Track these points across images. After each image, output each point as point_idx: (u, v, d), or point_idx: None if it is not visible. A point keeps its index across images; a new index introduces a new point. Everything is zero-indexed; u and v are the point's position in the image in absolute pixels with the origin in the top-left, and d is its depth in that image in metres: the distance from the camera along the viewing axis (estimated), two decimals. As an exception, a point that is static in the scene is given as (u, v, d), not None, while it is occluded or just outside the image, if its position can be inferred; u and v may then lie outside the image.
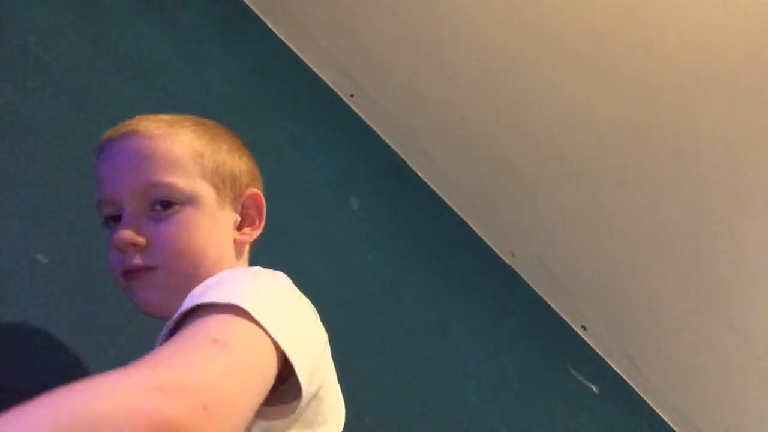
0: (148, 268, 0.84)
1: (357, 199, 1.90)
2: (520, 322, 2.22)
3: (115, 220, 0.87)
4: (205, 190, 0.87)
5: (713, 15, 1.60)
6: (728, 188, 1.85)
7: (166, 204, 0.84)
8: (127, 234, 0.83)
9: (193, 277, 0.83)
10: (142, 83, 1.52)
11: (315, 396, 0.75)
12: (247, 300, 0.66)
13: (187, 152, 0.87)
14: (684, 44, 1.67)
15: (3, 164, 1.19)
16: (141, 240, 0.83)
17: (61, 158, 1.29)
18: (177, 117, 0.92)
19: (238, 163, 0.93)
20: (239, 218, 0.92)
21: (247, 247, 0.95)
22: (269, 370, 0.64)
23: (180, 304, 0.79)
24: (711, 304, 2.08)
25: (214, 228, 0.87)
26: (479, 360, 1.98)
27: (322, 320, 0.82)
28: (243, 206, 0.92)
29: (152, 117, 0.91)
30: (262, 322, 0.65)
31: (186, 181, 0.85)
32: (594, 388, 2.25)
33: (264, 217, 0.94)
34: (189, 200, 0.85)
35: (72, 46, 1.42)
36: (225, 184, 0.89)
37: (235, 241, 0.91)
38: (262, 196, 0.94)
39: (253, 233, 0.93)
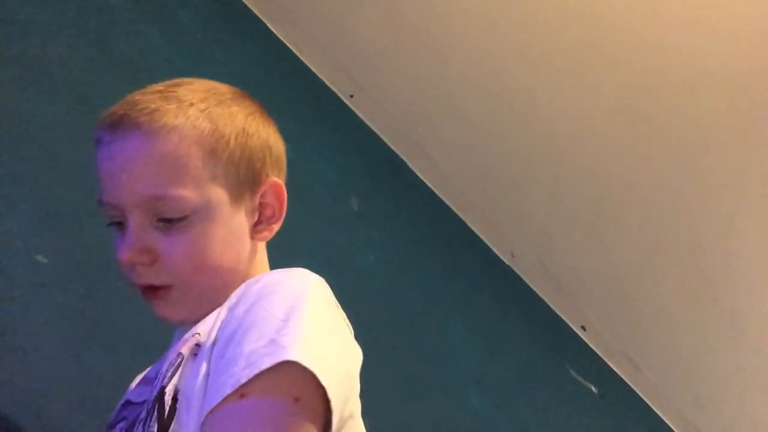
0: (163, 287, 0.77)
1: (357, 199, 1.90)
2: (519, 323, 2.22)
3: (120, 224, 0.78)
4: (217, 195, 0.77)
5: (714, 15, 1.60)
6: (729, 188, 1.85)
7: (174, 218, 0.75)
8: (131, 255, 0.75)
9: (212, 288, 0.78)
10: (142, 83, 1.52)
11: (349, 417, 0.73)
12: (319, 369, 0.63)
13: (197, 152, 0.76)
14: (684, 44, 1.67)
15: (3, 164, 1.19)
16: (147, 259, 0.76)
17: (61, 158, 1.29)
18: (185, 94, 0.79)
19: (255, 142, 0.82)
20: (257, 215, 0.83)
21: (264, 243, 0.87)
22: None
23: (201, 313, 0.76)
24: (711, 304, 2.08)
25: (229, 235, 0.79)
26: (479, 360, 1.98)
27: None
28: (262, 196, 0.83)
29: (156, 100, 0.78)
30: (332, 401, 0.63)
31: (196, 189, 0.75)
32: (594, 388, 2.25)
33: (285, 209, 0.85)
34: (200, 211, 0.76)
35: (72, 46, 1.42)
36: (240, 177, 0.79)
37: (252, 239, 0.83)
38: (282, 186, 0.84)
39: (273, 228, 0.85)
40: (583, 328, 2.35)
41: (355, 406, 0.75)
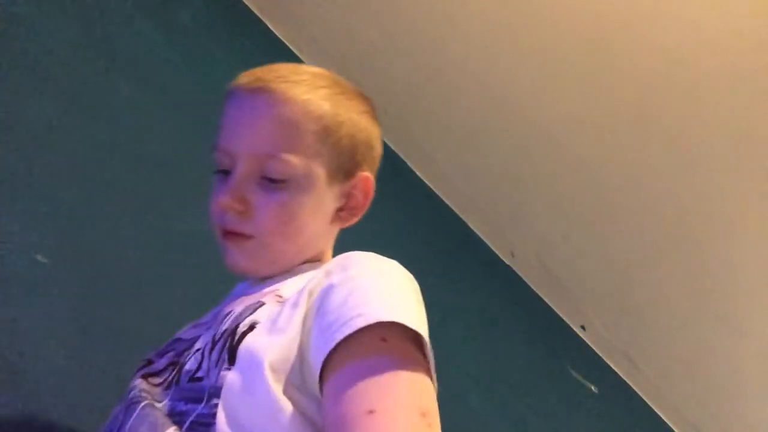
0: (245, 236, 0.84)
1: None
2: (519, 322, 2.22)
3: (224, 173, 0.86)
4: (317, 171, 0.85)
5: (715, 16, 1.60)
6: (729, 189, 1.85)
7: (277, 178, 0.83)
8: (229, 200, 0.83)
9: (285, 251, 0.86)
10: (142, 83, 1.52)
11: None
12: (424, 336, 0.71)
13: (314, 128, 0.84)
14: (685, 45, 1.67)
15: (3, 164, 1.19)
16: (243, 208, 0.83)
17: (61, 158, 1.29)
18: (315, 78, 0.88)
19: (362, 137, 0.91)
20: (343, 202, 0.91)
21: (337, 230, 0.94)
22: None
23: (267, 270, 0.86)
24: (710, 304, 2.08)
25: (317, 209, 0.87)
26: (479, 360, 1.98)
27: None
28: (352, 186, 0.91)
29: (291, 74, 0.86)
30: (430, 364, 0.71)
31: (303, 159, 0.84)
32: (593, 388, 2.25)
33: (368, 205, 0.93)
34: (300, 179, 0.84)
35: (72, 46, 1.42)
36: (340, 162, 0.88)
37: (331, 222, 0.90)
38: (372, 181, 0.93)
39: (351, 219, 0.93)
40: (583, 327, 2.35)
41: None
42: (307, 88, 0.85)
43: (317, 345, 0.69)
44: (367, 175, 0.92)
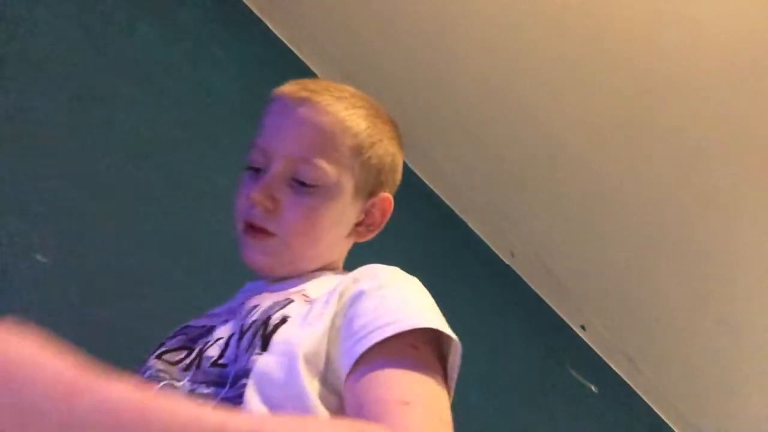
0: (268, 233, 0.87)
1: (357, 199, 1.90)
2: (519, 322, 2.22)
3: (256, 171, 0.90)
4: (346, 183, 0.90)
5: (715, 16, 1.60)
6: (728, 190, 1.85)
7: (308, 183, 0.87)
8: (260, 195, 0.86)
9: (304, 254, 0.90)
10: (142, 83, 1.52)
11: None
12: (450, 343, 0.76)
13: (349, 142, 0.89)
14: (684, 44, 1.67)
15: (3, 164, 1.19)
16: (271, 205, 0.86)
17: (62, 158, 1.29)
18: (355, 98, 0.94)
19: (389, 160, 0.96)
20: (363, 216, 0.95)
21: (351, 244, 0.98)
22: None
23: (283, 270, 0.89)
24: (710, 304, 2.08)
25: (340, 219, 0.91)
26: (479, 360, 1.98)
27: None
28: (372, 204, 0.95)
29: (336, 90, 0.93)
30: (450, 378, 0.77)
31: (335, 169, 0.88)
32: (593, 388, 2.25)
33: (384, 224, 0.98)
34: (331, 187, 0.88)
35: (72, 46, 1.42)
36: (367, 179, 0.92)
37: (348, 235, 0.95)
38: (392, 202, 0.97)
39: (367, 235, 0.97)
40: (583, 327, 2.35)
41: None
42: (348, 105, 0.92)
43: (349, 346, 0.71)
44: (388, 196, 0.97)
